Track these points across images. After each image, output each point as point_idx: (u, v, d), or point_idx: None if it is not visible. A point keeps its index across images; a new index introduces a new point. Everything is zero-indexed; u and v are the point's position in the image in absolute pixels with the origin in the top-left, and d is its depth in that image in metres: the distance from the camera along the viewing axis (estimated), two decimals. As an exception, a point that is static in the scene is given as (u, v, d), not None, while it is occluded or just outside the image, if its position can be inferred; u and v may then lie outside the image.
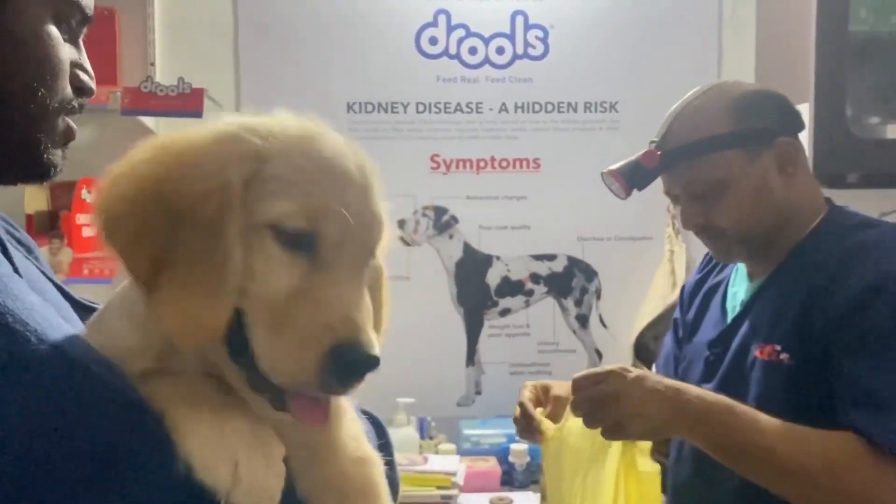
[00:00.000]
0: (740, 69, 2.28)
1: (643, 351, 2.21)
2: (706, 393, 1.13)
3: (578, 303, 2.32)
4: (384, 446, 0.80)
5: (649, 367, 2.14)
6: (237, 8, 2.19)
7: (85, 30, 0.75)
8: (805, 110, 2.01)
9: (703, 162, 1.22)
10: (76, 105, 0.73)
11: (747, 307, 1.27)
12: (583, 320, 2.31)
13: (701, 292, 1.42)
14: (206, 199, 0.54)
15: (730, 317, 1.29)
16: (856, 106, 2.07)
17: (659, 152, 1.25)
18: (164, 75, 2.13)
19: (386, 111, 2.23)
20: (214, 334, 0.54)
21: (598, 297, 2.32)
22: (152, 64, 2.14)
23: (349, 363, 0.54)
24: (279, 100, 2.17)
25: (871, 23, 2.06)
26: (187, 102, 1.85)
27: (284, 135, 0.58)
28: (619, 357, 2.25)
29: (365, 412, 0.83)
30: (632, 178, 1.29)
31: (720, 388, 1.19)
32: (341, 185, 0.58)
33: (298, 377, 0.54)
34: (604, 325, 2.31)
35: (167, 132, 1.90)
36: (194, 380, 0.57)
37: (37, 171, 0.71)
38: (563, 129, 2.29)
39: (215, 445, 0.53)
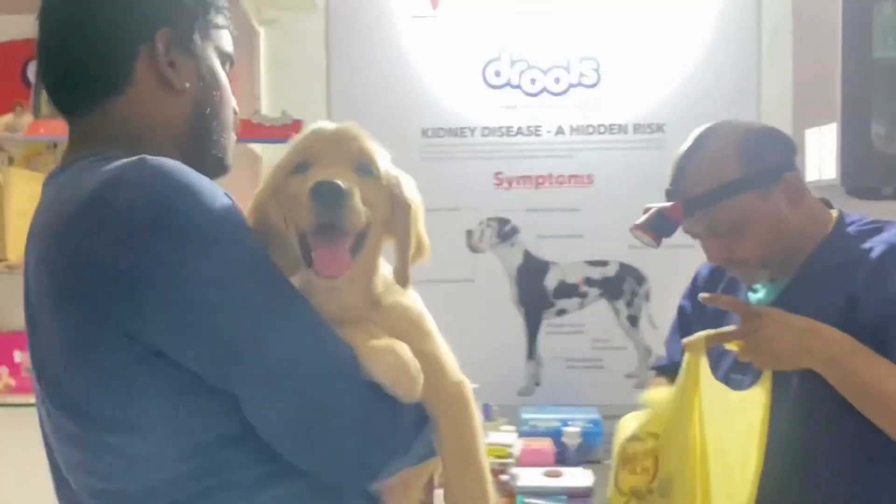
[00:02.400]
0: (779, 94, 2.48)
1: (687, 348, 2.42)
2: (833, 334, 1.21)
3: (629, 304, 2.55)
4: None
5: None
6: (329, 49, 2.53)
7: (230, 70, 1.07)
8: (833, 130, 2.21)
9: (720, 207, 1.30)
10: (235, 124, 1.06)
11: (776, 306, 1.33)
12: (633, 320, 2.55)
13: (721, 284, 1.53)
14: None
15: None
16: (882, 125, 2.25)
17: (681, 204, 1.33)
18: (268, 108, 2.50)
19: (455, 135, 2.53)
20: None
21: (648, 300, 2.54)
22: (258, 98, 2.51)
23: (320, 188, 0.82)
24: (364, 127, 2.59)
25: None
26: (288, 132, 2.19)
27: (305, 129, 0.93)
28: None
29: None
30: (660, 230, 1.36)
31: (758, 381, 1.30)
32: (316, 135, 0.90)
33: (302, 219, 0.85)
34: (653, 325, 2.54)
35: (270, 157, 2.36)
36: (356, 326, 0.89)
37: (222, 169, 1.02)
38: (614, 148, 2.53)
39: (383, 360, 0.85)
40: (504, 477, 1.95)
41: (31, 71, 2.43)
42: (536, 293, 2.54)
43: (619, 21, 2.51)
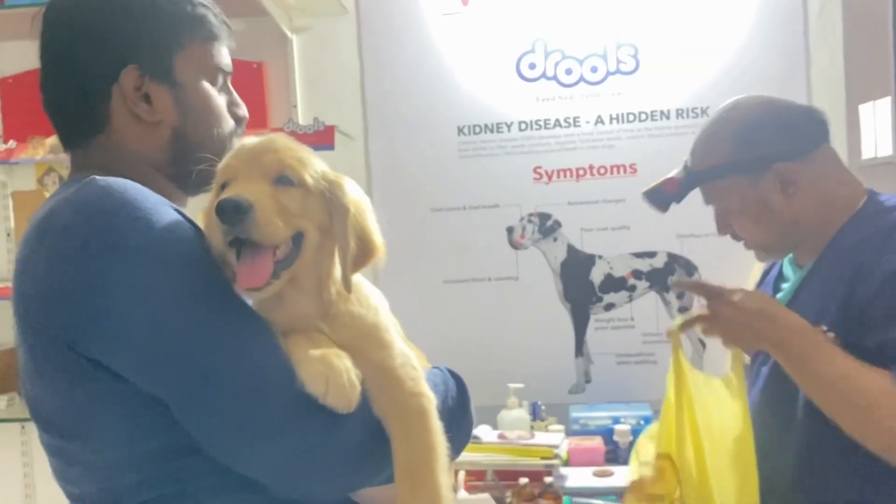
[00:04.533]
0: (829, 69, 2.37)
1: (742, 338, 2.34)
2: (789, 320, 1.23)
3: (680, 296, 2.47)
4: (464, 400, 1.07)
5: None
6: (362, 53, 2.53)
7: (230, 78, 1.07)
8: (888, 104, 2.10)
9: (712, 187, 1.40)
10: (239, 131, 1.06)
11: (796, 292, 1.39)
12: (685, 312, 2.47)
13: (768, 280, 1.55)
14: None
15: (784, 303, 1.37)
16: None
17: (679, 179, 1.43)
18: (305, 115, 2.52)
19: (492, 131, 2.49)
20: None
21: (699, 290, 2.46)
22: (295, 106, 2.53)
23: (220, 205, 0.82)
24: (399, 129, 2.61)
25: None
26: (322, 138, 2.20)
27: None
28: (721, 345, 2.38)
29: (451, 372, 1.07)
30: (657, 202, 1.48)
31: (777, 373, 1.31)
32: (237, 154, 0.91)
33: (215, 237, 0.86)
34: (706, 316, 2.46)
35: None
36: (300, 335, 0.89)
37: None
38: (656, 135, 2.46)
39: (314, 370, 0.84)
40: (549, 479, 1.91)
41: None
42: (582, 288, 2.49)
43: (656, 3, 2.43)
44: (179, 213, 0.89)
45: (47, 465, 0.94)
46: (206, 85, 1.02)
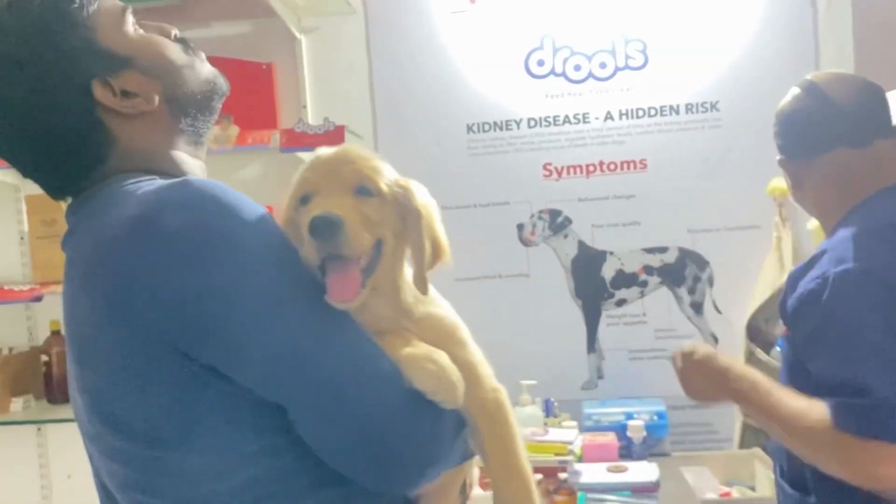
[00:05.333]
0: (838, 60, 2.36)
1: (755, 332, 2.33)
2: (744, 374, 1.32)
3: (692, 291, 2.47)
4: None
5: (762, 347, 2.28)
6: (370, 52, 2.54)
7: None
8: (899, 94, 2.08)
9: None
10: (188, 48, 0.99)
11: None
12: (697, 307, 2.46)
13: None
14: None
15: None
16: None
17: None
18: (314, 115, 2.52)
19: (501, 129, 2.49)
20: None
21: (711, 285, 2.45)
22: (304, 106, 2.54)
23: (314, 224, 0.83)
24: (408, 127, 2.62)
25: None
26: (331, 138, 2.21)
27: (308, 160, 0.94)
28: (734, 339, 2.38)
29: None
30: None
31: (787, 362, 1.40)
32: (315, 166, 0.92)
33: (309, 254, 0.86)
34: (718, 311, 2.45)
35: None
36: (392, 335, 0.90)
37: (221, 95, 1.01)
38: (666, 130, 2.45)
39: (423, 368, 0.87)
40: (563, 475, 1.91)
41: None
42: (594, 284, 2.49)
43: (664, -2, 2.43)
44: None
45: (63, 466, 0.92)
46: (134, 35, 0.96)
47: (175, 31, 1.00)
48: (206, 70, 1.00)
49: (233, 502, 0.85)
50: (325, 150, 0.93)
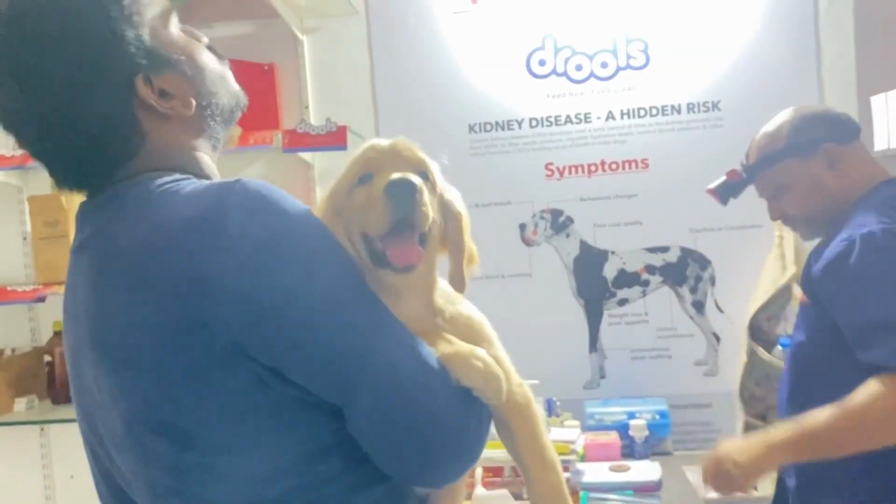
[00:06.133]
0: (840, 61, 2.36)
1: (757, 331, 2.34)
2: (769, 439, 1.41)
3: (693, 290, 2.47)
4: None
5: (763, 346, 2.28)
6: (372, 52, 2.54)
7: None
8: (902, 94, 2.08)
9: (770, 171, 1.64)
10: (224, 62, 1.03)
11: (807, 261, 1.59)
12: (699, 306, 2.46)
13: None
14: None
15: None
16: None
17: (741, 169, 1.70)
18: (316, 115, 2.53)
19: (503, 128, 2.50)
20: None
21: (713, 284, 2.45)
22: (306, 107, 2.54)
23: (395, 182, 0.86)
24: (410, 127, 2.62)
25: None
26: (333, 139, 2.21)
27: (361, 146, 0.96)
28: (735, 339, 2.39)
29: None
30: (724, 193, 1.75)
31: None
32: (375, 148, 0.94)
33: (377, 220, 0.88)
34: (720, 310, 2.45)
35: (320, 164, 2.35)
36: (431, 334, 0.92)
37: (243, 107, 1.03)
38: (668, 130, 2.46)
39: (469, 364, 0.88)
40: (566, 474, 1.91)
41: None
42: (596, 284, 2.49)
43: (665, -2, 2.43)
44: None
45: (67, 467, 0.90)
46: (179, 37, 0.97)
47: (205, 39, 1.01)
48: (233, 83, 1.02)
49: None
50: (378, 139, 0.96)
